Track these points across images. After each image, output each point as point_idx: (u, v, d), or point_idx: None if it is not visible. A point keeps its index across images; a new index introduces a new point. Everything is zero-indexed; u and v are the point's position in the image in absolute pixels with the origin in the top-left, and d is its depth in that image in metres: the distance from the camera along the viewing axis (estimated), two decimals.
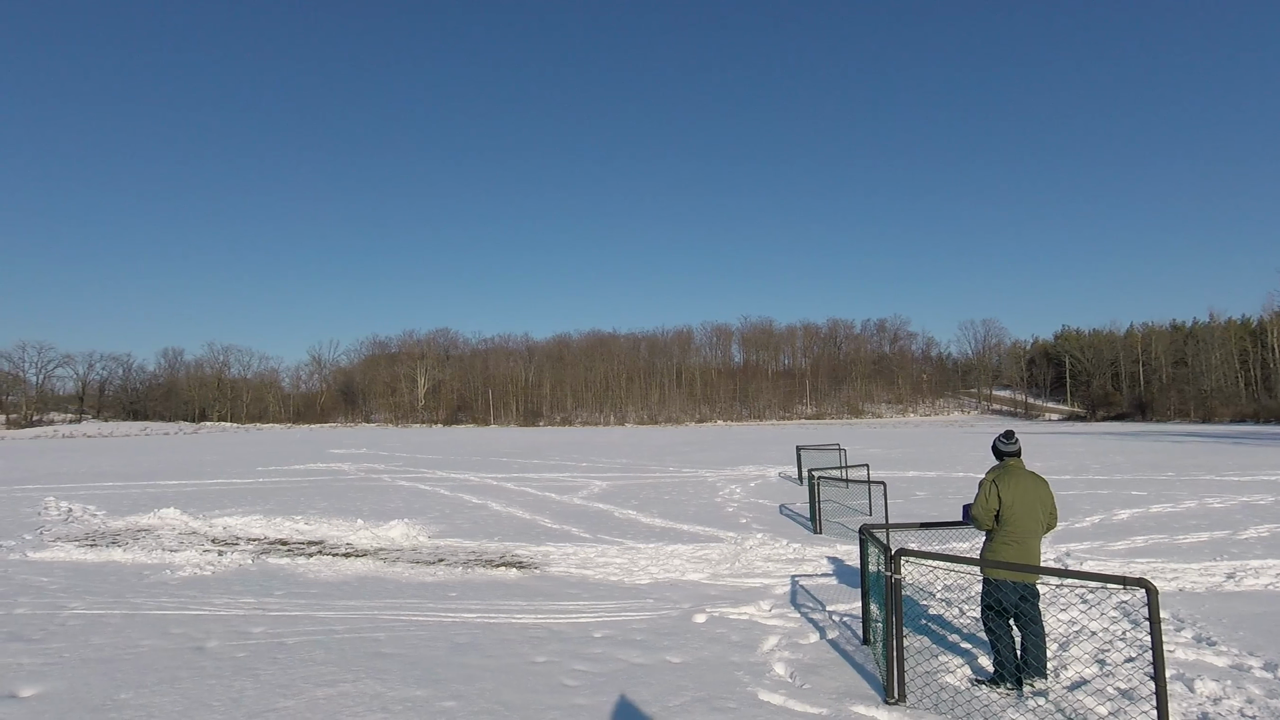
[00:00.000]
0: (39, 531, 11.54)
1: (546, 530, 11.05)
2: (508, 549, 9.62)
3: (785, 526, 11.16)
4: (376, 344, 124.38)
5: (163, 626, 6.13)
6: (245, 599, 7.07)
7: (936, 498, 14.10)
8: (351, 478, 20.77)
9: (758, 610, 6.43)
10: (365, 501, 14.77)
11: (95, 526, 12.02)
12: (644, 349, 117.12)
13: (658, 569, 8.28)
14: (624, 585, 7.56)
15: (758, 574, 7.95)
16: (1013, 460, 4.66)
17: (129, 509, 13.97)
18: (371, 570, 8.44)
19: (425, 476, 20.74)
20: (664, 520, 11.83)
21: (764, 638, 5.62)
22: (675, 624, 6.05)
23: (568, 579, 7.87)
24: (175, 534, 11.18)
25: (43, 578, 8.20)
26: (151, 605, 6.86)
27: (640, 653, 5.29)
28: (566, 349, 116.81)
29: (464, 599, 7.00)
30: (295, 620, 6.28)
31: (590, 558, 8.95)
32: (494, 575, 8.12)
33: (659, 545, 9.65)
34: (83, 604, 6.94)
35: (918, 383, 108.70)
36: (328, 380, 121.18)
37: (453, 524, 11.74)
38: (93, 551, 9.70)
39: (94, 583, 7.90)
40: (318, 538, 10.71)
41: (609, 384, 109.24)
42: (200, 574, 8.29)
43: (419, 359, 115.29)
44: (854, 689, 4.51)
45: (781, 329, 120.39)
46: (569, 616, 6.33)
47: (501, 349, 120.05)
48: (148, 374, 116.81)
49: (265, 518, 12.24)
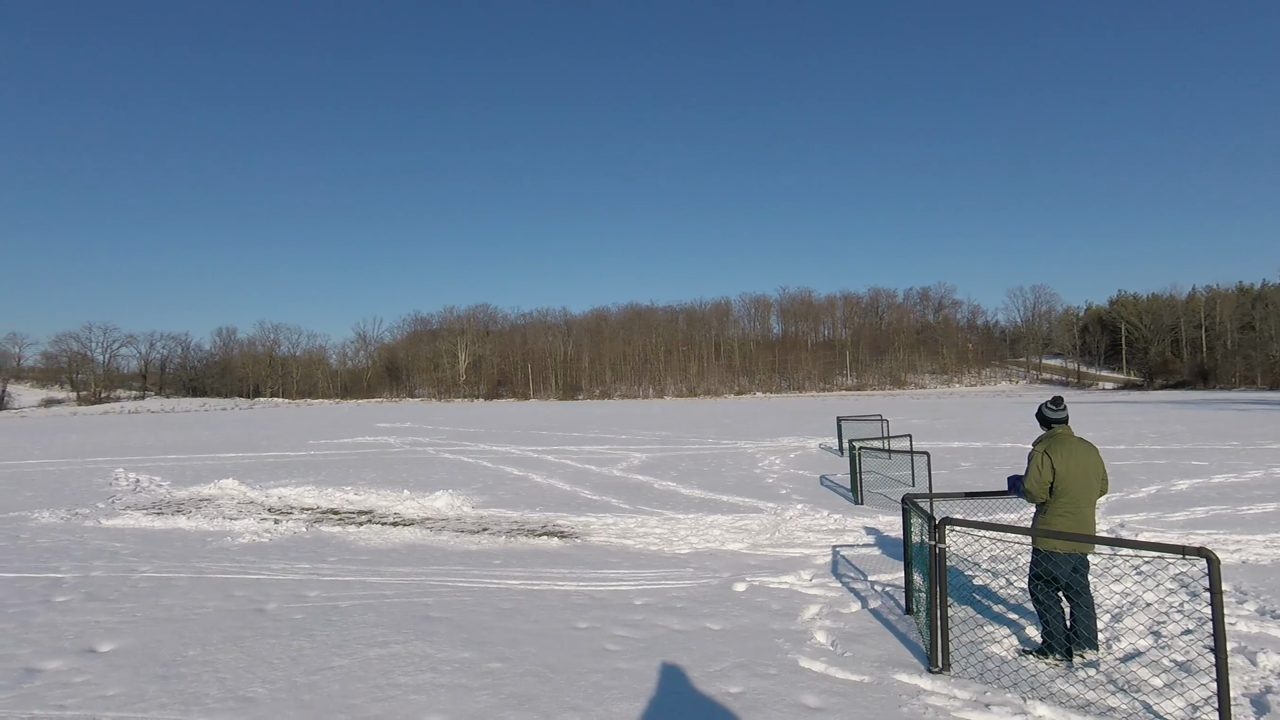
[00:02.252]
0: (111, 500, 12.21)
1: (587, 501, 11.20)
2: (549, 519, 9.79)
3: (826, 497, 11.08)
4: (418, 320, 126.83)
5: (226, 589, 6.44)
6: (301, 564, 7.37)
7: (982, 469, 13.80)
8: (398, 450, 21.35)
9: (798, 580, 6.42)
10: (411, 473, 15.18)
11: (161, 496, 12.65)
12: (682, 321, 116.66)
13: (697, 539, 8.33)
14: (664, 555, 7.63)
15: (798, 544, 7.92)
16: (1061, 428, 4.49)
17: (191, 480, 14.65)
18: (419, 538, 8.69)
19: (468, 449, 21.20)
20: (703, 491, 11.86)
21: (804, 606, 5.61)
22: (715, 592, 6.09)
23: (608, 548, 7.98)
24: (234, 503, 11.69)
25: (115, 543, 8.68)
26: (215, 570, 7.21)
27: (680, 620, 5.34)
28: (605, 322, 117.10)
29: (507, 567, 7.16)
30: (348, 585, 6.52)
31: (630, 528, 9.05)
32: (536, 544, 8.28)
33: (698, 516, 9.69)
34: (152, 568, 7.34)
35: (963, 352, 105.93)
36: (373, 356, 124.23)
37: (495, 495, 11.99)
38: (160, 519, 10.22)
39: (162, 548, 8.34)
40: (367, 507, 11.07)
41: (647, 357, 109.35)
42: (259, 541, 8.66)
43: (459, 334, 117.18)
44: (896, 657, 4.48)
45: (821, 299, 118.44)
46: (610, 584, 6.42)
47: (540, 323, 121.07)
48: (204, 352, 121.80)
49: (317, 488, 12.69)
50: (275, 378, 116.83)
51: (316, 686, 4.20)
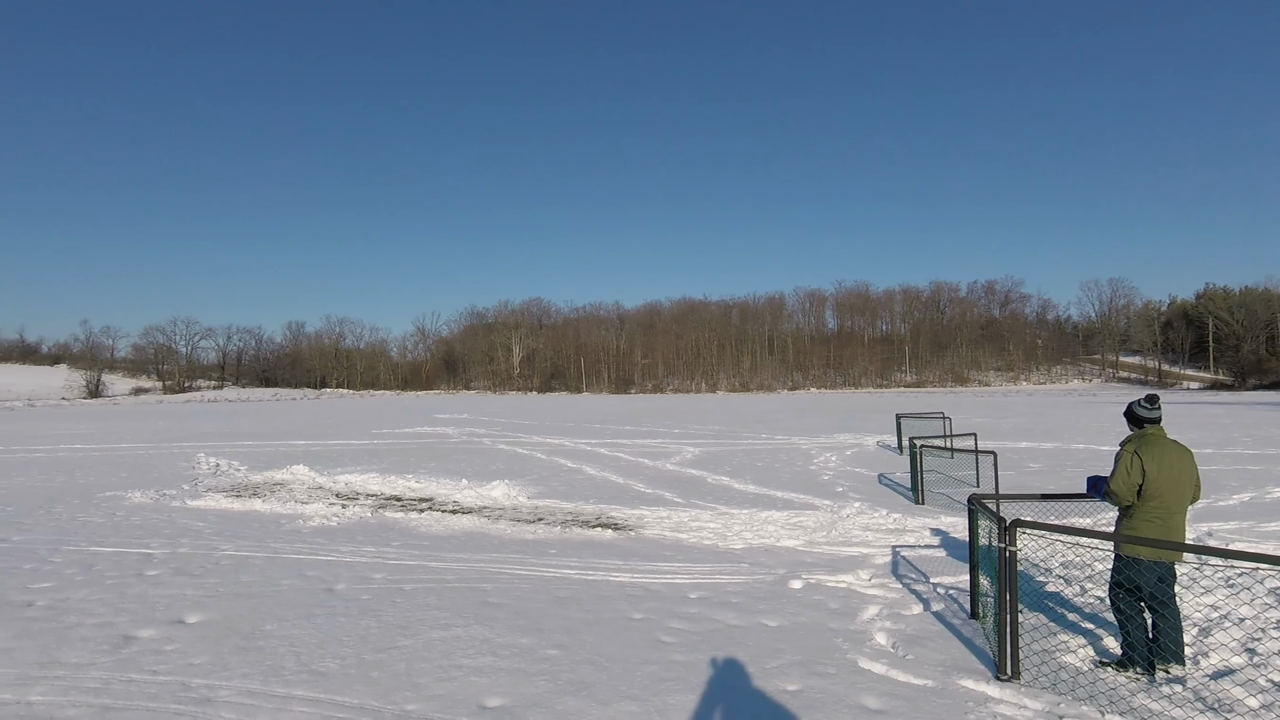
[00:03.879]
0: (194, 483, 12.96)
1: (640, 494, 11.25)
2: (603, 511, 9.87)
3: (884, 496, 10.81)
4: (474, 314, 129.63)
5: (298, 569, 6.75)
6: (366, 548, 7.66)
7: (1052, 470, 13.20)
8: (455, 441, 21.92)
9: (856, 579, 6.29)
10: (469, 463, 15.56)
11: (239, 480, 13.34)
12: (735, 316, 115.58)
13: (752, 534, 8.26)
14: (718, 549, 7.60)
15: (855, 543, 7.76)
16: (1153, 428, 4.23)
17: (266, 465, 15.40)
18: (476, 526, 8.90)
19: (523, 441, 21.57)
20: (757, 487, 11.75)
21: (863, 607, 5.49)
22: (770, 589, 6.02)
23: (662, 541, 7.99)
24: (305, 488, 12.24)
25: (199, 523, 9.21)
26: (288, 550, 7.56)
27: (736, 615, 5.31)
28: (657, 316, 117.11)
29: (563, 556, 7.26)
30: (411, 569, 6.74)
31: (684, 522, 9.04)
32: (590, 535, 8.36)
33: (753, 511, 9.60)
34: (232, 546, 7.76)
35: (1031, 349, 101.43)
36: (431, 349, 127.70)
37: (550, 486, 12.17)
38: (238, 501, 10.79)
39: (240, 528, 8.80)
40: (427, 495, 11.41)
41: (700, 351, 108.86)
42: (327, 524, 9.04)
43: (514, 328, 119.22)
44: (961, 663, 4.34)
45: (879, 293, 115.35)
46: (664, 577, 6.43)
47: (593, 317, 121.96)
48: (276, 345, 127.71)
49: (381, 475, 13.15)
50: (340, 369, 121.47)
51: (383, 664, 4.36)
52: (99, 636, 4.93)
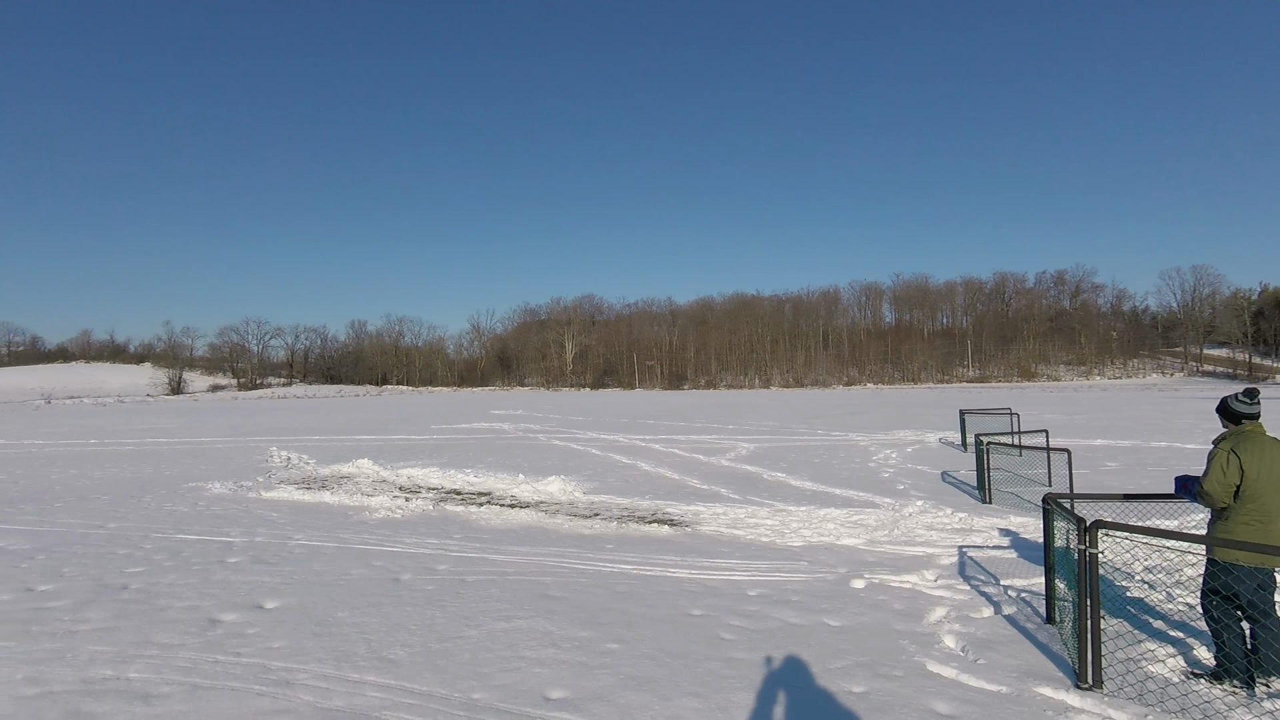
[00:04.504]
0: (267, 475, 13.59)
1: (695, 490, 11.21)
2: (659, 507, 9.88)
3: (948, 494, 10.46)
4: (528, 312, 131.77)
5: (366, 559, 6.99)
6: (429, 540, 7.88)
7: (1131, 469, 12.52)
8: (511, 437, 22.32)
9: (921, 579, 6.11)
10: (525, 458, 15.82)
11: (308, 473, 13.93)
12: (789, 310, 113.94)
13: (810, 532, 8.12)
14: (776, 547, 7.50)
15: (919, 542, 7.53)
16: (1251, 424, 3.94)
17: (332, 459, 16.02)
18: (534, 521, 9.04)
19: (577, 437, 21.79)
20: (815, 484, 11.55)
21: (930, 608, 5.33)
22: (832, 588, 5.91)
23: (719, 538, 7.94)
24: (370, 481, 12.68)
25: (273, 513, 9.66)
26: (356, 541, 7.85)
27: (797, 613, 5.23)
28: (710, 312, 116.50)
29: (620, 551, 7.30)
30: (472, 561, 6.89)
31: (740, 518, 8.96)
32: (647, 531, 8.38)
33: (810, 508, 9.44)
34: (304, 536, 8.10)
35: (1105, 341, 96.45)
36: (486, 347, 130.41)
37: (605, 481, 12.25)
38: (308, 493, 11.25)
39: (311, 519, 9.18)
40: (486, 489, 11.65)
41: (753, 347, 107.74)
42: (392, 516, 9.34)
43: (566, 325, 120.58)
44: (1038, 669, 4.16)
45: (939, 285, 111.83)
46: (722, 574, 6.39)
47: (645, 313, 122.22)
48: (340, 343, 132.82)
49: (441, 470, 13.50)
50: (400, 366, 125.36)
51: (449, 653, 4.47)
52: (187, 619, 5.23)
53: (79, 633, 4.98)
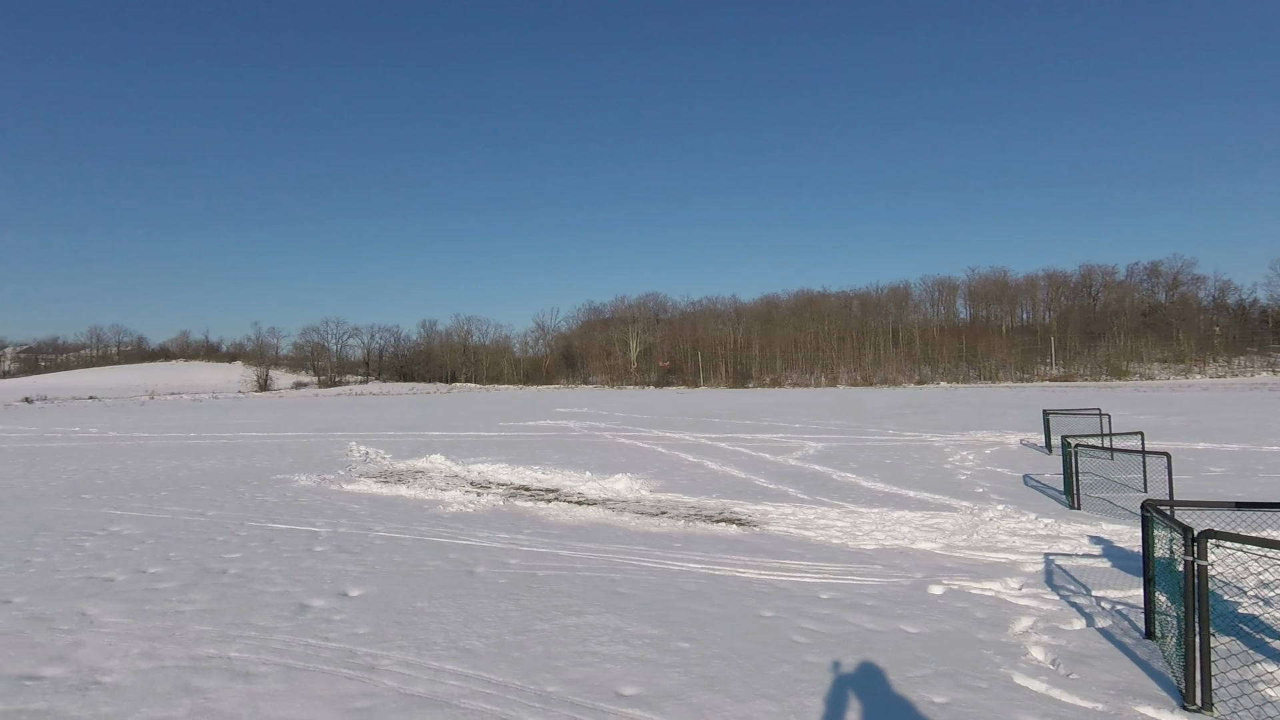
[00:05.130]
0: (348, 469, 14.25)
1: (763, 489, 11.07)
2: (726, 506, 9.81)
3: (1032, 499, 9.95)
4: (592, 310, 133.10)
5: (442, 552, 7.23)
6: (501, 534, 8.08)
7: (1239, 475, 11.58)
8: (577, 434, 22.61)
9: (1004, 588, 5.84)
10: (591, 456, 16.00)
11: (385, 467, 14.52)
12: (856, 307, 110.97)
13: (883, 535, 7.89)
14: (847, 549, 7.32)
15: (1001, 548, 7.20)
16: None
17: (407, 454, 16.65)
18: (602, 518, 9.13)
19: (642, 435, 21.88)
20: (887, 485, 11.21)
21: (1015, 618, 5.08)
22: (908, 593, 5.72)
23: (788, 538, 7.82)
24: (443, 476, 13.10)
25: (354, 505, 10.12)
26: (432, 533, 8.13)
27: (872, 618, 5.09)
28: (775, 309, 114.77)
29: (687, 550, 7.29)
30: (543, 556, 7.03)
31: (809, 519, 8.79)
32: (714, 530, 8.33)
33: (883, 510, 9.17)
34: (384, 528, 8.45)
35: (1206, 337, 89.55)
36: (551, 345, 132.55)
37: (671, 480, 12.25)
38: (386, 487, 11.74)
39: (389, 511, 9.57)
40: (553, 486, 11.85)
41: (819, 344, 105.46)
42: (465, 510, 9.62)
43: (630, 323, 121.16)
44: (1137, 686, 3.90)
45: (1019, 279, 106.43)
46: (792, 575, 6.29)
47: (709, 311, 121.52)
48: (411, 342, 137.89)
49: (510, 466, 13.82)
50: (468, 365, 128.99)
51: (523, 646, 4.58)
52: (280, 603, 5.54)
53: (185, 612, 5.36)
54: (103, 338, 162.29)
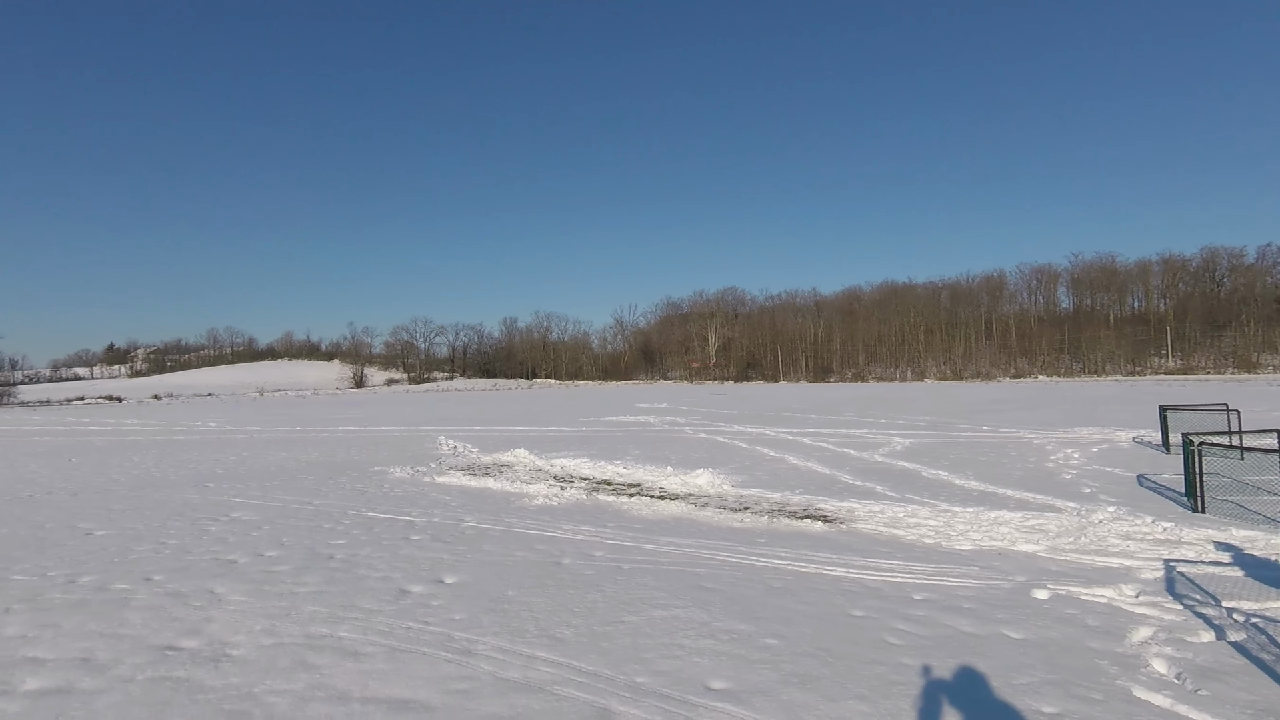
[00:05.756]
0: (438, 462, 14.89)
1: (848, 486, 10.77)
2: (810, 502, 9.61)
3: (1148, 501, 9.22)
4: (670, 305, 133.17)
5: (529, 543, 7.45)
6: (585, 527, 8.23)
7: None
8: (657, 429, 22.71)
9: (1119, 594, 5.44)
10: (672, 451, 16.04)
11: (473, 460, 15.08)
12: (945, 298, 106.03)
13: (979, 535, 7.52)
14: (941, 549, 7.03)
15: (1114, 553, 6.72)
16: None
17: (493, 448, 17.22)
18: (684, 512, 9.15)
19: (722, 430, 21.74)
20: (982, 483, 10.67)
21: (1133, 627, 4.73)
22: (1010, 597, 5.43)
23: (877, 537, 7.59)
24: (527, 470, 13.48)
25: (445, 496, 10.56)
26: (519, 525, 8.38)
27: (970, 622, 4.86)
28: (857, 302, 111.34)
29: (772, 546, 7.19)
30: (627, 549, 7.11)
31: (899, 517, 8.49)
32: (799, 526, 8.19)
33: (978, 510, 8.74)
34: (474, 519, 8.78)
35: None
36: (629, 341, 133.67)
37: (753, 475, 12.12)
38: (474, 479, 12.19)
39: (478, 503, 9.94)
40: (635, 480, 11.96)
41: (905, 337, 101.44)
42: (549, 504, 9.87)
43: (709, 318, 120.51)
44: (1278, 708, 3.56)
45: (1129, 265, 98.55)
46: (883, 575, 6.10)
47: (789, 304, 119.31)
48: (494, 339, 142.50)
49: (591, 461, 14.05)
50: (548, 361, 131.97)
51: (611, 636, 4.65)
52: (382, 588, 5.86)
53: (299, 594, 5.76)
54: (218, 339, 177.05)
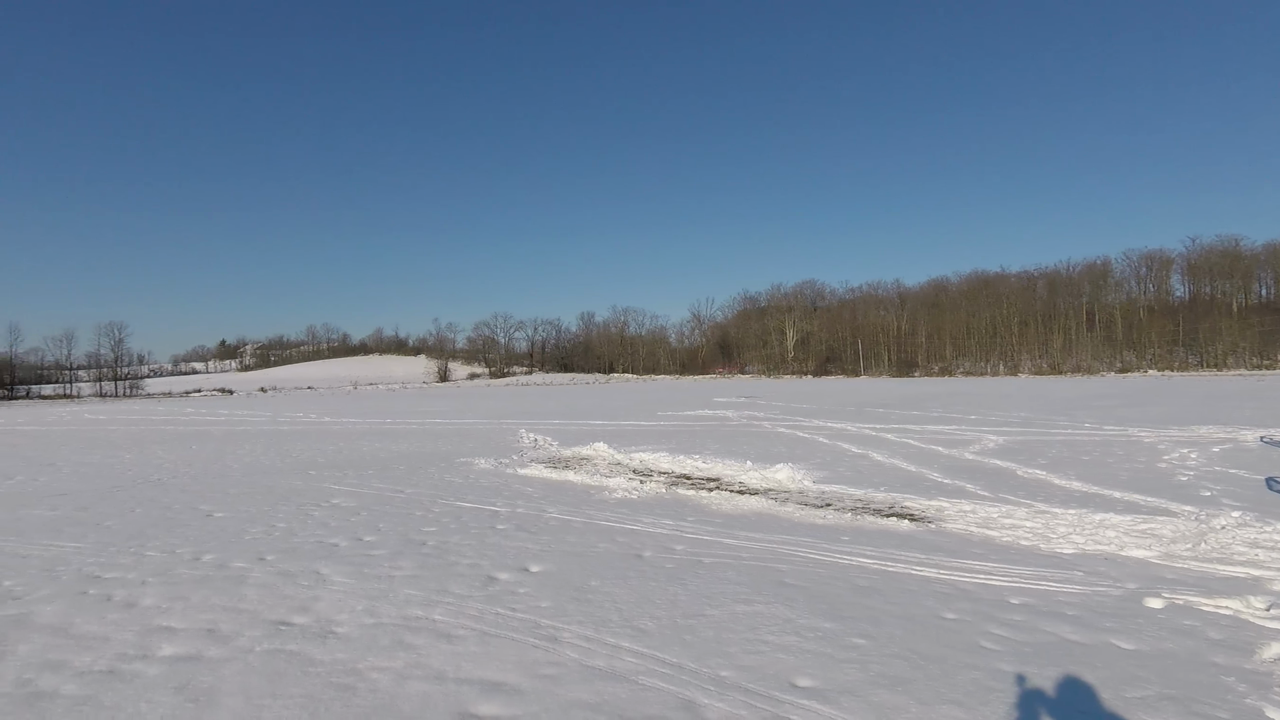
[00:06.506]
0: (520, 454, 15.34)
1: (936, 484, 10.35)
2: (896, 500, 9.31)
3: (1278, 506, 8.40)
4: (747, 299, 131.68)
5: (610, 535, 7.57)
6: (665, 521, 8.28)
7: None
8: (735, 424, 22.53)
9: (1246, 606, 5.00)
10: (751, 445, 15.88)
11: (553, 453, 15.44)
12: (1041, 287, 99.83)
13: (1083, 538, 7.07)
14: (1040, 552, 6.66)
15: (1239, 561, 6.17)
16: None
17: (572, 441, 17.57)
18: (765, 508, 9.05)
19: (802, 425, 21.33)
20: (1085, 484, 10.01)
21: (1263, 643, 4.34)
22: (1119, 605, 5.09)
23: (969, 537, 7.27)
24: (606, 463, 13.68)
25: (528, 488, 10.88)
26: (600, 517, 8.53)
27: (1074, 629, 4.59)
28: (944, 293, 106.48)
29: (856, 544, 7.02)
30: (707, 544, 7.11)
31: (993, 517, 8.10)
32: (884, 525, 7.95)
33: (1081, 512, 8.21)
34: (556, 510, 9.01)
35: None
36: (706, 335, 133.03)
37: (835, 471, 11.84)
38: (555, 472, 12.48)
39: (559, 495, 10.18)
40: (714, 475, 11.92)
41: (996, 329, 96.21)
42: (629, 497, 9.98)
43: (787, 311, 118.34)
44: None
45: (1255, 248, 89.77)
46: (976, 577, 5.84)
47: (871, 297, 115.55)
48: (571, 334, 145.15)
49: (670, 455, 14.09)
50: (625, 355, 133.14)
51: (694, 630, 4.67)
52: (472, 575, 6.11)
53: (396, 577, 6.09)
54: (316, 334, 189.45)
